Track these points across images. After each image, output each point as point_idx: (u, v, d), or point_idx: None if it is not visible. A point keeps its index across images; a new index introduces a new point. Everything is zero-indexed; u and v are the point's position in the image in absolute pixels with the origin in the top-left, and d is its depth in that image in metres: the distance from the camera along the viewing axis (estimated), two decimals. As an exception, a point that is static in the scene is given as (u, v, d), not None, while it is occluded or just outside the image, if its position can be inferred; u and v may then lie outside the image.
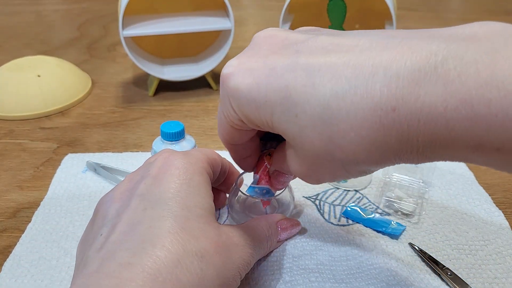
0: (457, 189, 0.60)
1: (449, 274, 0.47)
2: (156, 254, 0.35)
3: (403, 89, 0.30)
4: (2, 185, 0.64)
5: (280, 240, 0.50)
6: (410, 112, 0.29)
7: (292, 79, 0.34)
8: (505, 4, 1.50)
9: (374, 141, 0.32)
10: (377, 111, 0.30)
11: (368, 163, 0.34)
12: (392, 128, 0.30)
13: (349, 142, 0.32)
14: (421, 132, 0.30)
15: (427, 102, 0.29)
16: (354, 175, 0.37)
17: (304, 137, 0.35)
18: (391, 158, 0.33)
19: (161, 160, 0.44)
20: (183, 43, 0.95)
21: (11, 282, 0.47)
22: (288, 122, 0.35)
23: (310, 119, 0.34)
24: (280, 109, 0.35)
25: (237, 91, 0.37)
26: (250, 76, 0.36)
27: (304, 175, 0.39)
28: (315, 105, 0.33)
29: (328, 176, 0.38)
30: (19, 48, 1.16)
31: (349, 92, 0.32)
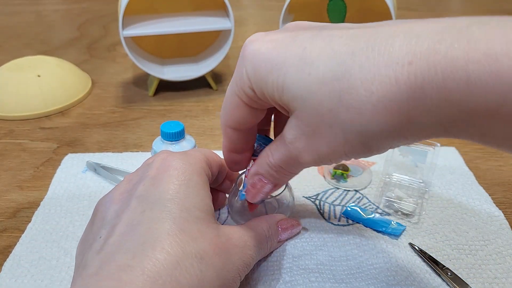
0: (457, 189, 0.60)
1: (449, 274, 0.47)
2: (155, 256, 0.35)
3: (422, 45, 0.29)
4: (2, 185, 0.64)
5: (280, 240, 0.50)
6: (427, 65, 0.29)
7: (311, 43, 0.35)
8: (505, 4, 1.50)
9: (382, 98, 0.31)
10: (392, 65, 0.30)
11: (371, 129, 0.33)
12: (406, 83, 0.30)
13: (356, 99, 0.32)
14: (438, 87, 0.29)
15: (447, 56, 0.28)
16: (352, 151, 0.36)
17: (312, 96, 0.34)
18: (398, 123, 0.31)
19: (160, 161, 0.44)
20: (183, 43, 0.95)
21: (11, 282, 0.47)
22: (299, 82, 0.35)
23: (322, 76, 0.33)
24: (294, 69, 0.35)
25: (256, 53, 0.37)
26: (272, 42, 0.37)
27: (302, 147, 0.38)
28: (329, 62, 0.33)
29: (325, 149, 0.36)
30: (19, 48, 1.16)
31: (365, 49, 0.32)
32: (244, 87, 0.39)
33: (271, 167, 0.43)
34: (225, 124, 0.44)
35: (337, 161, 0.38)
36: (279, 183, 0.45)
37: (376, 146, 0.35)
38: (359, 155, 0.37)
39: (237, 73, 0.40)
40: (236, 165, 0.48)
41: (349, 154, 0.36)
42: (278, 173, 0.43)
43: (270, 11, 1.47)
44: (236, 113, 0.42)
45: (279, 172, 0.43)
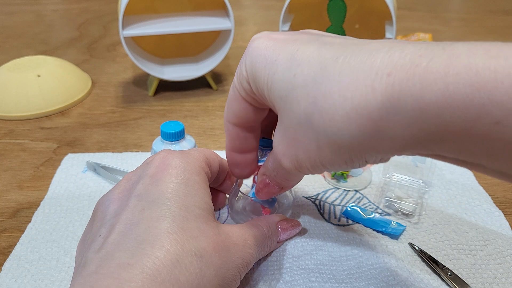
0: (457, 189, 0.60)
1: (449, 274, 0.47)
2: (155, 254, 0.35)
3: (404, 59, 0.29)
4: (2, 185, 0.64)
5: (280, 240, 0.50)
6: (406, 76, 0.29)
7: (305, 47, 0.36)
8: (505, 4, 1.50)
9: (356, 106, 0.31)
10: (371, 75, 0.30)
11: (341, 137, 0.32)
12: (382, 93, 0.29)
13: (330, 104, 0.32)
14: (415, 98, 0.28)
15: (427, 68, 0.28)
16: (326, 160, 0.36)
17: (293, 98, 0.35)
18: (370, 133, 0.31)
19: (159, 159, 0.44)
20: (183, 43, 0.95)
21: (11, 282, 0.47)
22: (284, 82, 0.35)
23: (304, 78, 0.34)
24: (283, 67, 0.36)
25: (255, 49, 0.39)
26: (273, 41, 0.38)
27: (283, 151, 0.39)
28: (313, 65, 0.34)
29: (302, 155, 0.37)
30: (19, 48, 1.16)
31: (349, 58, 0.32)
32: (242, 80, 0.41)
33: (271, 171, 0.44)
34: (226, 119, 0.45)
35: (316, 170, 0.38)
36: (284, 186, 0.46)
37: (349, 157, 0.35)
38: (334, 166, 0.37)
39: (238, 67, 0.41)
40: (238, 168, 0.49)
41: (324, 163, 0.36)
42: (277, 178, 0.44)
43: (270, 11, 1.47)
44: (235, 106, 0.43)
45: (277, 176, 0.44)
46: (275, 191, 0.47)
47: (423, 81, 0.28)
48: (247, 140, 0.46)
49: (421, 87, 0.28)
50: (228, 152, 0.48)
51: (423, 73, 0.28)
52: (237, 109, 0.43)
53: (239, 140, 0.46)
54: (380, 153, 0.33)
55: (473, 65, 0.27)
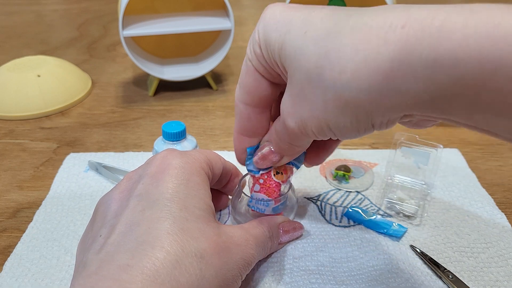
0: (460, 191, 0.60)
1: (450, 276, 0.47)
2: (155, 255, 0.35)
3: (420, 13, 0.29)
4: (2, 185, 0.63)
5: (281, 242, 0.50)
6: (421, 27, 0.28)
7: (319, 9, 0.35)
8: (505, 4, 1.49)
9: (367, 57, 0.30)
10: (384, 27, 0.30)
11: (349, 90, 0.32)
12: (395, 43, 0.29)
13: (342, 57, 0.31)
14: (430, 47, 0.28)
15: (445, 20, 0.27)
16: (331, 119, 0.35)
17: (303, 53, 0.34)
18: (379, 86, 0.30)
19: (159, 159, 0.44)
20: (183, 43, 0.95)
21: (12, 281, 0.47)
22: (295, 40, 0.35)
23: (316, 34, 0.34)
24: (295, 28, 0.35)
25: (271, 14, 0.38)
26: (287, 7, 0.38)
27: (288, 111, 0.38)
28: (326, 22, 0.33)
29: (307, 113, 0.36)
30: (19, 48, 1.16)
31: (362, 15, 0.32)
32: (255, 46, 0.40)
33: (276, 135, 0.43)
34: (237, 99, 0.44)
35: (319, 133, 0.37)
36: (285, 154, 0.45)
37: (355, 116, 0.34)
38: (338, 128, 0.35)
39: (253, 34, 0.41)
40: (245, 154, 0.48)
41: (329, 123, 0.35)
42: (282, 142, 0.43)
43: (270, 11, 1.47)
44: (247, 80, 0.42)
45: (282, 141, 0.43)
46: (275, 160, 0.46)
47: (440, 32, 0.27)
48: (258, 121, 0.45)
49: (438, 37, 0.27)
50: (236, 135, 0.47)
51: (440, 24, 0.27)
52: (250, 83, 0.42)
53: (250, 122, 0.45)
54: (389, 111, 0.32)
55: (493, 19, 0.26)
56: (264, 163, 0.46)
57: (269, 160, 0.46)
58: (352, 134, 0.36)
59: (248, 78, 0.42)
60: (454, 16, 0.27)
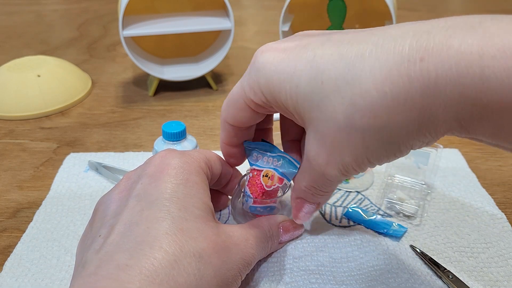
0: (460, 191, 0.60)
1: (450, 277, 0.47)
2: (153, 255, 0.35)
3: (434, 41, 0.29)
4: (2, 185, 0.63)
5: (282, 242, 0.50)
6: (440, 61, 0.28)
7: (321, 50, 0.35)
8: (505, 4, 1.50)
9: (397, 98, 0.31)
10: (404, 63, 0.30)
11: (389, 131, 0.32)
12: (419, 79, 0.29)
13: (370, 102, 0.32)
14: (453, 82, 0.28)
15: (461, 50, 0.28)
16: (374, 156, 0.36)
17: (327, 105, 0.34)
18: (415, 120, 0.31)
19: (158, 159, 0.44)
20: (183, 43, 0.95)
21: (12, 281, 0.47)
22: (312, 92, 0.35)
23: (334, 83, 0.33)
24: (306, 78, 0.35)
25: (268, 64, 0.38)
26: (283, 52, 0.37)
27: (325, 161, 0.38)
28: (339, 68, 0.33)
29: (348, 159, 0.36)
30: (19, 48, 1.16)
31: (374, 51, 0.32)
32: (256, 98, 0.40)
33: (306, 191, 0.44)
34: (224, 119, 0.45)
35: (362, 169, 0.38)
36: (321, 201, 0.46)
37: (397, 148, 0.35)
38: (382, 160, 0.37)
39: (248, 80, 0.40)
40: (231, 158, 0.50)
41: (372, 160, 0.36)
42: (315, 195, 0.44)
43: (270, 11, 1.47)
44: (238, 114, 0.43)
45: (316, 193, 0.44)
46: (313, 210, 0.46)
47: (458, 65, 0.28)
48: (243, 136, 0.47)
49: (457, 72, 0.28)
50: (222, 144, 0.48)
51: (456, 55, 0.28)
52: (238, 114, 0.43)
53: (235, 137, 0.47)
54: (427, 137, 0.33)
55: (508, 47, 0.26)
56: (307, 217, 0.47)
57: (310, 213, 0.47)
58: (392, 160, 0.37)
59: (237, 112, 0.43)
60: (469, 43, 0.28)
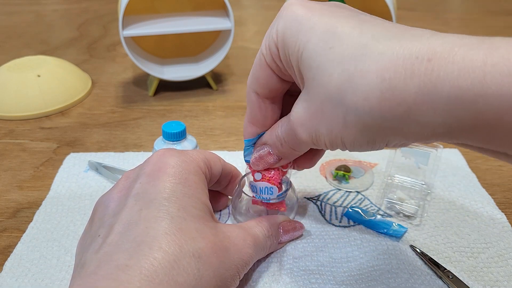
0: (460, 191, 0.60)
1: (450, 277, 0.47)
2: (153, 255, 0.35)
3: (445, 46, 0.30)
4: (2, 185, 0.63)
5: (281, 242, 0.50)
6: (445, 63, 0.29)
7: (345, 21, 0.35)
8: (505, 4, 1.50)
9: (393, 87, 0.31)
10: (412, 59, 0.30)
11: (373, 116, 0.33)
12: (421, 77, 0.30)
13: (366, 83, 0.32)
14: (451, 84, 0.29)
15: (466, 57, 0.28)
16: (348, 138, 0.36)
17: (326, 71, 0.34)
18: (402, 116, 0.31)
19: (156, 157, 0.44)
20: (183, 43, 0.95)
21: (12, 281, 0.47)
22: (319, 53, 0.35)
23: (342, 54, 0.34)
24: (319, 38, 0.35)
25: (291, 13, 0.38)
26: (310, 9, 0.37)
27: (302, 121, 0.38)
28: (354, 43, 0.33)
29: (323, 130, 0.37)
30: (19, 48, 1.16)
31: (389, 40, 0.32)
32: (271, 44, 0.40)
33: (277, 139, 0.43)
34: (249, 86, 0.44)
35: (332, 146, 0.38)
36: (284, 157, 0.46)
37: (373, 138, 0.35)
38: (354, 145, 0.36)
39: (269, 29, 0.40)
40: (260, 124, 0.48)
41: (345, 141, 0.36)
42: (283, 147, 0.43)
43: (270, 11, 1.47)
44: (259, 73, 0.42)
45: (284, 145, 0.43)
46: (272, 162, 0.46)
47: (461, 69, 0.28)
48: (268, 112, 0.45)
49: (458, 74, 0.28)
50: (247, 123, 0.47)
51: (461, 61, 0.28)
52: (261, 76, 0.42)
53: (260, 111, 0.45)
54: (406, 138, 0.34)
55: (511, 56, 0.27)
56: (261, 164, 0.47)
57: (266, 162, 0.46)
58: (364, 149, 0.37)
59: (260, 71, 0.42)
60: (475, 52, 0.28)
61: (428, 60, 0.30)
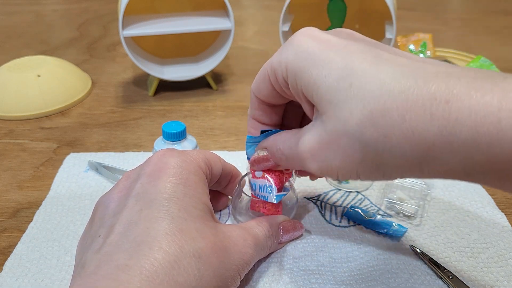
0: (460, 191, 0.60)
1: (450, 277, 0.47)
2: (153, 255, 0.35)
3: (461, 88, 0.30)
4: (2, 185, 0.63)
5: (282, 242, 0.50)
6: (462, 107, 0.30)
7: (362, 56, 0.36)
8: (505, 4, 1.50)
9: (414, 128, 0.31)
10: (431, 100, 0.31)
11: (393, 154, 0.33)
12: (439, 119, 0.30)
13: (388, 122, 0.32)
14: (468, 128, 0.29)
15: (482, 101, 0.29)
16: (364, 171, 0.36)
17: (346, 106, 0.35)
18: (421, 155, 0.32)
19: (156, 157, 0.44)
20: (183, 43, 0.95)
21: (12, 281, 0.47)
22: (338, 89, 0.35)
23: (362, 91, 0.34)
24: (337, 74, 0.35)
25: (304, 44, 0.38)
26: (324, 42, 0.38)
27: (313, 152, 0.38)
28: (373, 81, 0.34)
29: (337, 163, 0.37)
30: (19, 48, 1.16)
31: (408, 78, 0.33)
32: (278, 72, 0.40)
33: (278, 152, 0.44)
34: (252, 89, 0.45)
35: (344, 177, 0.39)
36: (282, 166, 0.46)
37: (389, 173, 0.35)
38: (369, 178, 0.37)
39: (278, 55, 0.41)
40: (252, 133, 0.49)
41: (360, 174, 0.37)
42: (281, 161, 0.44)
43: (270, 11, 1.47)
44: (262, 86, 0.43)
45: (283, 161, 0.44)
46: (269, 165, 0.47)
47: (478, 113, 0.29)
48: (267, 114, 0.47)
49: (475, 119, 0.29)
50: (249, 118, 0.48)
51: (477, 105, 0.29)
52: (263, 89, 0.43)
53: (259, 111, 0.46)
54: (424, 173, 0.34)
55: None
56: (259, 166, 0.47)
57: (263, 165, 0.47)
58: (378, 180, 0.38)
59: (263, 85, 0.43)
60: (490, 97, 0.29)
61: (446, 102, 0.30)
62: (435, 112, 0.31)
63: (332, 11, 0.81)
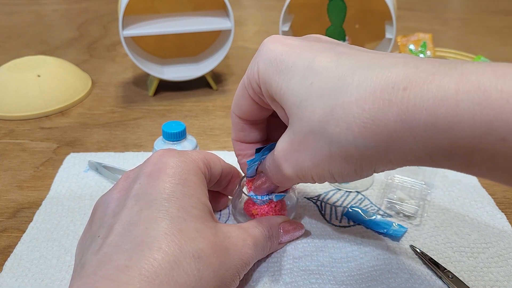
0: (460, 191, 0.60)
1: (450, 277, 0.47)
2: (153, 256, 0.35)
3: (419, 74, 0.31)
4: (2, 185, 0.63)
5: (281, 242, 0.50)
6: (420, 92, 0.30)
7: (322, 55, 0.36)
8: (505, 4, 1.50)
9: (373, 117, 0.32)
10: (388, 88, 0.31)
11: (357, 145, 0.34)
12: (398, 105, 0.31)
13: (348, 114, 0.33)
14: (427, 113, 0.30)
15: (440, 85, 0.29)
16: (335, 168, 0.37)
17: (308, 105, 0.36)
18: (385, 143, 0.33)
19: (156, 157, 0.44)
20: (183, 43, 0.95)
21: (12, 281, 0.47)
22: (300, 89, 0.36)
23: (321, 88, 0.35)
24: (300, 76, 0.36)
25: (271, 52, 0.39)
26: (288, 46, 0.39)
27: (286, 157, 0.39)
28: (331, 76, 0.35)
29: (309, 163, 0.38)
30: (19, 48, 1.16)
31: (366, 71, 0.33)
32: (252, 81, 0.41)
33: (269, 170, 0.45)
34: (232, 110, 0.46)
35: (320, 179, 0.39)
36: (280, 185, 0.47)
37: (360, 166, 0.36)
38: (342, 175, 0.37)
39: (250, 66, 0.42)
40: (240, 155, 0.50)
41: (333, 172, 0.37)
42: (273, 178, 0.45)
43: (270, 11, 1.47)
44: (242, 102, 0.44)
45: (273, 177, 0.45)
46: (273, 189, 0.47)
47: (436, 97, 0.29)
48: (251, 132, 0.48)
49: (434, 103, 0.29)
50: (233, 141, 0.49)
51: (436, 89, 0.30)
52: (243, 105, 0.44)
53: (243, 132, 0.48)
54: (391, 163, 0.35)
55: (481, 84, 0.28)
56: (262, 192, 0.48)
57: (265, 189, 0.48)
58: (353, 178, 0.38)
59: (242, 100, 0.44)
60: (447, 80, 0.29)
61: (404, 89, 0.31)
62: (393, 99, 0.31)
63: (332, 11, 0.81)
